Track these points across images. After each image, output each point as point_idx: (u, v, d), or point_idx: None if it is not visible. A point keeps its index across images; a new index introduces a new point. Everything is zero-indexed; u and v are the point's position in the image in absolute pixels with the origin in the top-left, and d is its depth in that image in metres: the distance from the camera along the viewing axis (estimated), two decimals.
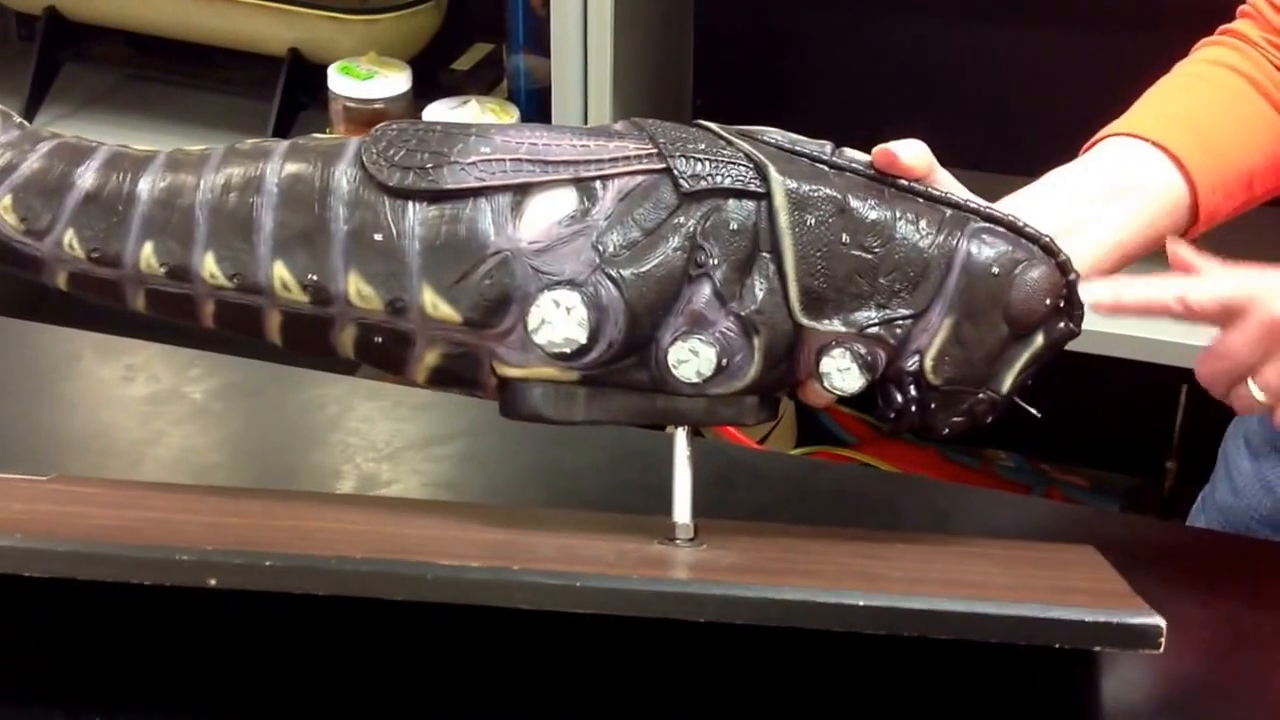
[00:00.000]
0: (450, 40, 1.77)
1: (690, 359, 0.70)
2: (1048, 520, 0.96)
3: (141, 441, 0.94)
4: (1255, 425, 0.99)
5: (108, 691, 0.70)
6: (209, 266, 0.70)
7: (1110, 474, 1.75)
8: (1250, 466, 0.99)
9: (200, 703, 0.70)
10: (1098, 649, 0.69)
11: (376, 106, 1.62)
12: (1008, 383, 0.72)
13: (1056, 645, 0.64)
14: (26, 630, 0.73)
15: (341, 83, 1.63)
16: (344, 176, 0.70)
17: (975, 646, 0.69)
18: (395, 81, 1.63)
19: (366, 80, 1.63)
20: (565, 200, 0.70)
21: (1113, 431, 1.74)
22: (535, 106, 1.65)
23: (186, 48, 1.76)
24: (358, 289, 0.70)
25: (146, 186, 0.70)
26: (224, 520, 0.73)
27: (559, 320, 0.70)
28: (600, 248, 0.70)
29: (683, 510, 0.72)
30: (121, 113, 1.77)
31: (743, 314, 0.70)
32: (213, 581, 0.63)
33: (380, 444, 0.93)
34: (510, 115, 1.63)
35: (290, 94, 1.69)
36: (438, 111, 1.62)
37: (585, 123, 1.52)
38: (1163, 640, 0.63)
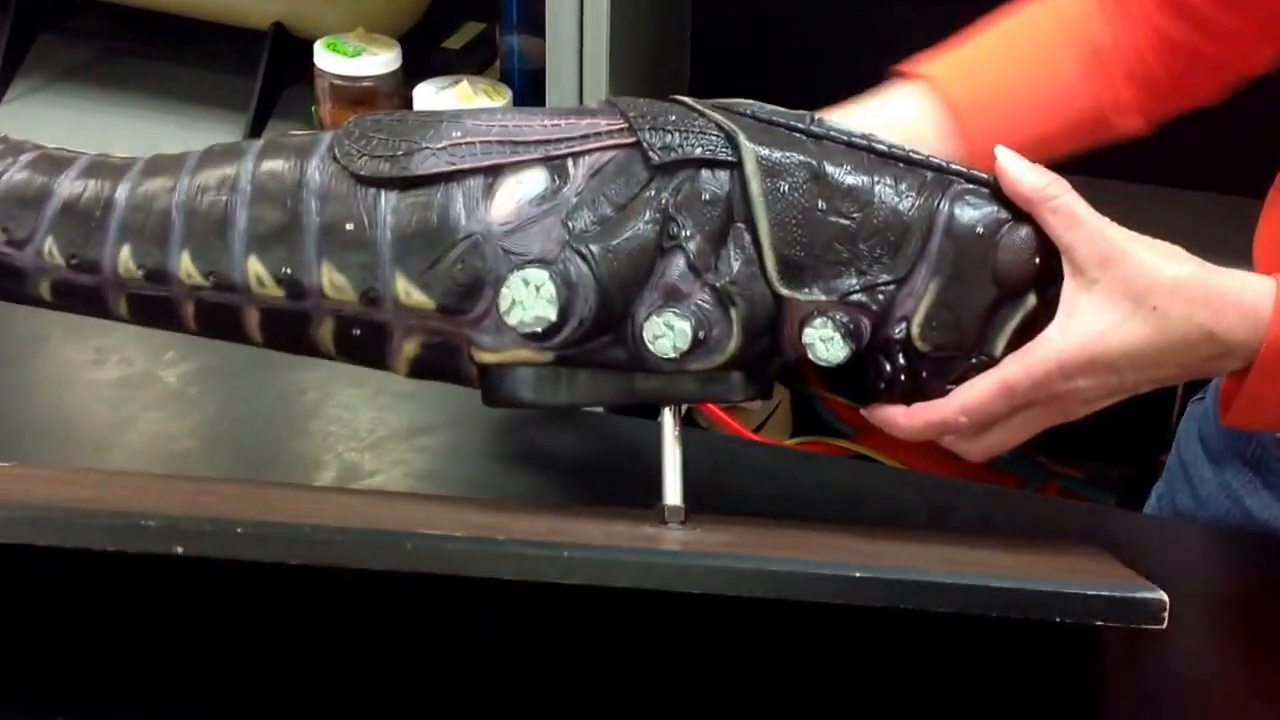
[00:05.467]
0: (441, 18, 1.74)
1: (666, 333, 0.69)
2: (1046, 515, 0.95)
3: (111, 427, 0.91)
4: (1212, 428, 0.95)
5: (94, 689, 0.68)
6: (185, 266, 0.70)
7: (1105, 465, 1.74)
8: (1212, 474, 0.95)
9: (188, 699, 0.69)
10: (1099, 650, 0.69)
11: (364, 85, 1.59)
12: (1000, 346, 0.71)
13: (1057, 619, 0.62)
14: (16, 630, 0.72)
15: (328, 59, 1.59)
16: (317, 170, 0.70)
17: (975, 646, 0.68)
18: (384, 59, 1.60)
19: (354, 57, 1.60)
20: (536, 180, 0.70)
21: (1108, 423, 1.73)
22: (529, 88, 1.61)
23: (167, 20, 1.73)
24: (331, 280, 0.70)
25: (124, 192, 0.71)
26: (193, 500, 0.71)
27: (529, 299, 0.69)
28: (570, 225, 0.69)
29: (673, 492, 0.72)
30: (99, 87, 1.74)
31: (718, 285, 0.69)
32: (180, 549, 0.61)
33: (363, 433, 0.91)
34: (503, 96, 1.59)
35: (274, 70, 1.65)
36: (428, 91, 1.59)
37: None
38: (1166, 615, 0.62)
